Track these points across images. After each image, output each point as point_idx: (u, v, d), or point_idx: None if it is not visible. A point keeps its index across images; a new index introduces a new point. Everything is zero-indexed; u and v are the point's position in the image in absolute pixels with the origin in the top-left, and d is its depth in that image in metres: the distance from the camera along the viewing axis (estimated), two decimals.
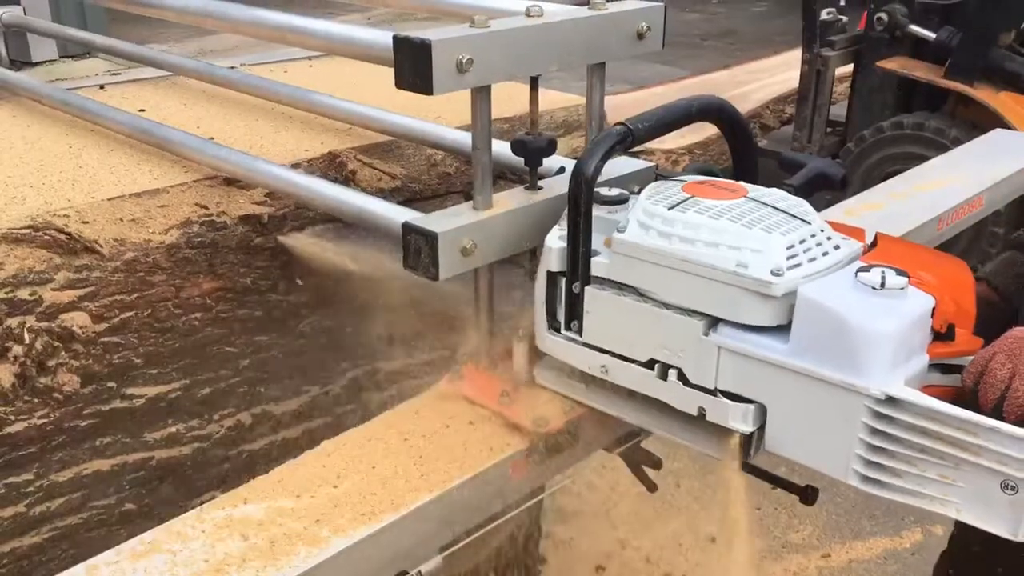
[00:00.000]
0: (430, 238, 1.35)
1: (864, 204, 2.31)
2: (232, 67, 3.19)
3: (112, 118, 2.29)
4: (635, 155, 4.81)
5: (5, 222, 1.81)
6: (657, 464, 1.69)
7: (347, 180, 2.22)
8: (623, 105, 4.82)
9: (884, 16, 4.55)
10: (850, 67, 5.01)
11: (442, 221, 1.39)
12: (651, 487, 1.75)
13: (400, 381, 2.05)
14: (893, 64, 4.58)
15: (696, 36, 10.34)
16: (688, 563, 3.32)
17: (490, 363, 1.52)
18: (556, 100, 2.73)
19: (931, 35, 4.46)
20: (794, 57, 5.26)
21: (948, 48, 4.41)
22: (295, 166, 2.16)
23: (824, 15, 4.87)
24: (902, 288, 1.13)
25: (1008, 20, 4.43)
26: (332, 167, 2.21)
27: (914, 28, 4.51)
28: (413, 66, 1.25)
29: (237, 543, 1.23)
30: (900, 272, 1.14)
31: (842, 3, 4.98)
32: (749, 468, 1.33)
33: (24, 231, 1.80)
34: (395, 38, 1.28)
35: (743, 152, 1.47)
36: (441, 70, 1.24)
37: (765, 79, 5.60)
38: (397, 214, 1.53)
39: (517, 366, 1.47)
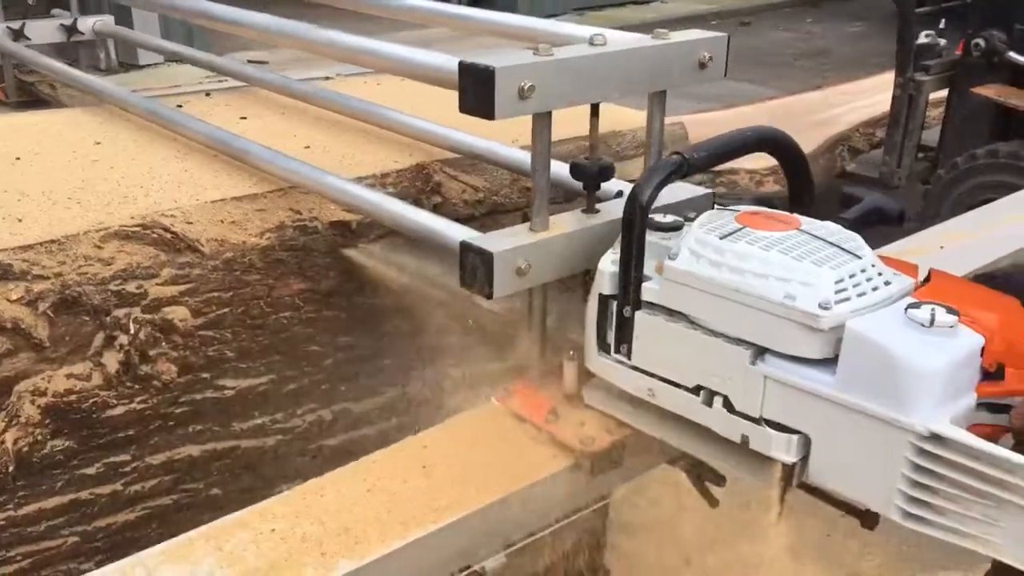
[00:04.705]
0: (486, 257, 1.40)
1: (952, 232, 2.32)
2: (328, 77, 3.35)
3: (193, 128, 2.42)
4: (718, 174, 4.74)
5: (117, 219, 1.96)
6: (720, 480, 1.73)
7: (433, 191, 2.33)
8: (712, 122, 4.81)
9: (982, 42, 4.46)
10: (942, 92, 4.91)
11: (498, 241, 1.44)
12: (713, 502, 1.79)
13: (470, 388, 2.13)
14: (989, 91, 4.48)
15: (789, 55, 10.21)
16: None
17: (540, 381, 1.58)
18: (640, 119, 2.79)
19: None
20: (888, 80, 5.17)
21: None
22: (385, 176, 2.27)
23: (923, 38, 4.78)
24: (951, 326, 1.16)
25: None
26: (419, 178, 2.33)
27: (1013, 55, 4.40)
28: (476, 91, 1.30)
29: (315, 527, 1.34)
30: (950, 310, 1.17)
31: (941, 26, 4.88)
32: (807, 487, 1.35)
33: (134, 228, 1.95)
34: (460, 64, 1.34)
35: (799, 183, 1.50)
36: (503, 96, 1.29)
37: (857, 101, 5.50)
38: (455, 232, 1.58)
39: (566, 386, 1.52)
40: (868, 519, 1.58)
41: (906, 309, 1.19)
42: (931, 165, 4.98)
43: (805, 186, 1.54)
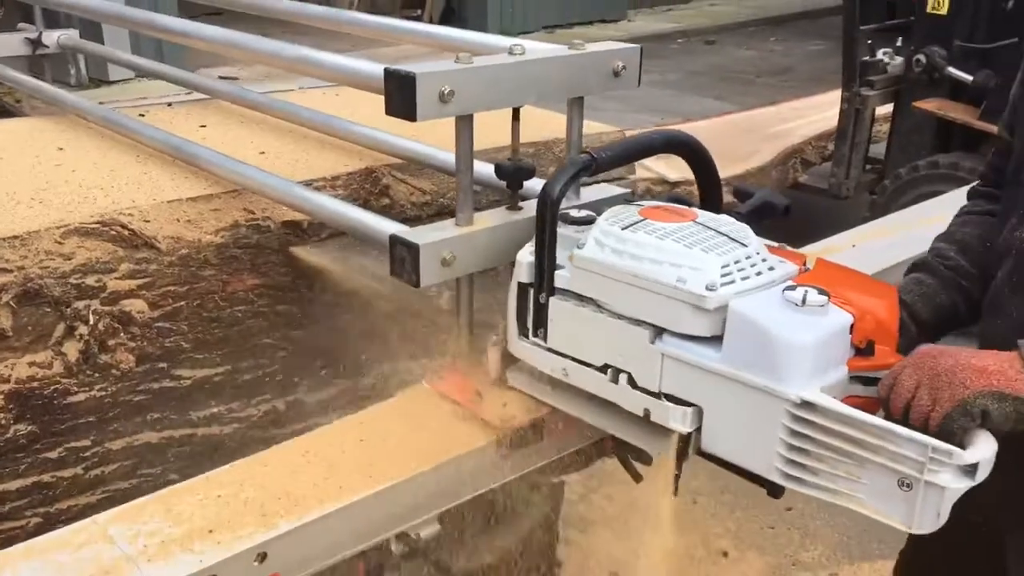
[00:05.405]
0: (412, 249, 1.53)
1: (875, 231, 2.56)
2: (291, 89, 3.48)
3: (147, 135, 2.52)
4: (679, 184, 4.82)
5: (77, 218, 2.07)
6: (646, 459, 1.86)
7: (381, 194, 2.45)
8: None
9: (923, 58, 4.66)
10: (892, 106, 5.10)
11: (425, 234, 1.58)
12: (637, 478, 1.92)
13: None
14: (930, 105, 4.68)
15: (751, 73, 10.48)
16: (699, 574, 3.45)
17: (467, 365, 1.71)
18: (589, 127, 2.93)
19: (968, 78, 4.55)
20: (838, 96, 5.36)
21: (985, 90, 4.50)
22: (335, 179, 2.40)
23: (880, 55, 4.99)
24: (822, 305, 1.30)
25: None
26: (368, 181, 2.45)
27: (952, 70, 4.60)
28: (400, 96, 1.43)
29: (257, 492, 1.47)
30: (821, 291, 1.31)
31: (899, 44, 5.07)
32: (712, 458, 1.44)
33: (93, 226, 2.06)
34: (385, 70, 1.47)
35: (707, 183, 1.65)
36: (424, 100, 1.42)
37: (810, 116, 5.71)
38: (386, 226, 1.71)
39: (490, 369, 1.66)
40: (775, 489, 1.72)
41: (783, 291, 1.33)
42: (879, 176, 5.18)
43: (712, 186, 1.68)
